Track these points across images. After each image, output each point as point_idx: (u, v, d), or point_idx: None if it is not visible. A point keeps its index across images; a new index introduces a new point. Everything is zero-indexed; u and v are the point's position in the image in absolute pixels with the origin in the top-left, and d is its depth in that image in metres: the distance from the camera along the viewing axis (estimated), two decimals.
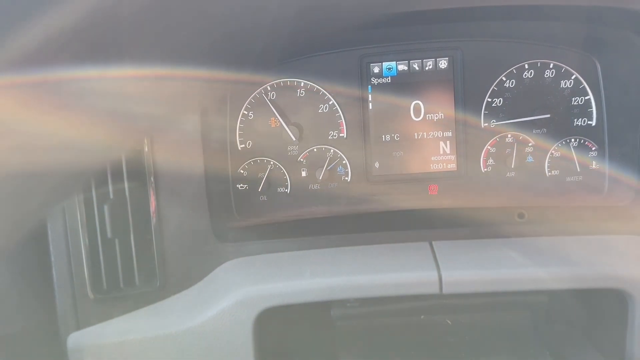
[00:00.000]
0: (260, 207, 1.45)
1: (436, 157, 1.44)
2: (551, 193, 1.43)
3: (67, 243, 1.21)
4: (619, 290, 1.13)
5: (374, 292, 1.15)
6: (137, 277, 1.25)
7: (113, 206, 1.21)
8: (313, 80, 1.42)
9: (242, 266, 1.27)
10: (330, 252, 1.29)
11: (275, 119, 1.43)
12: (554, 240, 1.27)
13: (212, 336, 1.14)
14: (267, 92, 1.43)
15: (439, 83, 1.41)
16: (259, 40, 0.55)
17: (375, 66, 1.42)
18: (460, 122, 1.43)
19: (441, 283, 1.13)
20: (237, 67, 0.56)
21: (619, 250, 1.24)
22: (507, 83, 1.41)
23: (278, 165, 1.45)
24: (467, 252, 1.23)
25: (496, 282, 1.14)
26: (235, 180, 1.45)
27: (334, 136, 1.44)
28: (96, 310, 1.23)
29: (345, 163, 1.45)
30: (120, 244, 1.24)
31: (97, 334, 1.20)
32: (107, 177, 1.22)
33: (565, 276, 1.13)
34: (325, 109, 1.43)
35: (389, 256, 1.24)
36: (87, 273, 1.22)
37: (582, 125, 1.42)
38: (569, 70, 1.41)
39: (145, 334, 1.17)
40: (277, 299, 1.13)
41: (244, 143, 1.44)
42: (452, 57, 1.41)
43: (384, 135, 1.44)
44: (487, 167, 1.44)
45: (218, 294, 1.18)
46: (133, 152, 1.22)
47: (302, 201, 1.46)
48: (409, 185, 1.46)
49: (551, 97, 1.41)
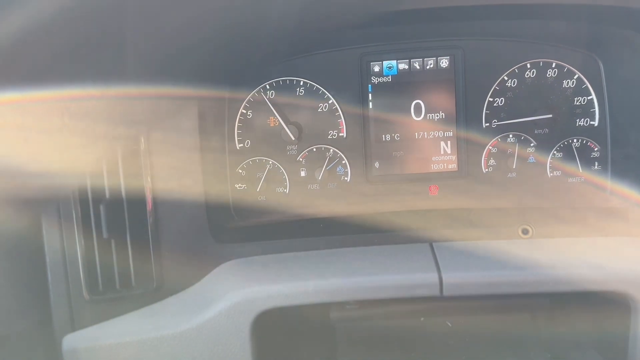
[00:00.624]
0: (258, 207, 1.44)
1: (437, 157, 1.43)
2: (553, 194, 1.42)
3: (63, 243, 1.20)
4: (621, 292, 1.11)
5: (373, 295, 1.14)
6: (134, 278, 1.24)
7: (109, 206, 1.20)
8: (312, 79, 1.41)
9: (240, 267, 1.26)
10: (330, 254, 1.27)
11: (274, 118, 1.42)
12: (555, 242, 1.26)
13: (210, 338, 1.13)
14: (266, 91, 1.41)
15: (440, 82, 1.40)
16: (263, 37, 0.54)
17: (375, 65, 1.40)
18: (461, 122, 1.41)
19: (442, 285, 1.11)
20: (243, 65, 0.55)
21: (621, 252, 1.22)
22: (508, 82, 1.40)
23: (277, 165, 1.43)
24: (468, 254, 1.21)
25: (497, 285, 1.13)
26: (233, 180, 1.43)
27: (333, 136, 1.43)
28: (92, 312, 1.22)
29: (344, 163, 1.44)
30: (116, 244, 1.22)
31: (92, 336, 1.19)
32: (103, 176, 1.20)
33: (567, 279, 1.12)
34: (324, 108, 1.42)
35: (389, 258, 1.23)
36: (83, 274, 1.20)
37: (585, 125, 1.41)
38: (572, 70, 1.39)
39: (142, 336, 1.15)
40: (275, 300, 1.12)
41: (243, 142, 1.43)
42: (454, 56, 1.39)
43: (384, 134, 1.43)
44: (488, 167, 1.43)
45: (215, 296, 1.16)
46: (129, 150, 1.21)
47: (301, 201, 1.44)
48: (409, 186, 1.44)
49: (553, 97, 1.40)
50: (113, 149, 0.52)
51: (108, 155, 0.56)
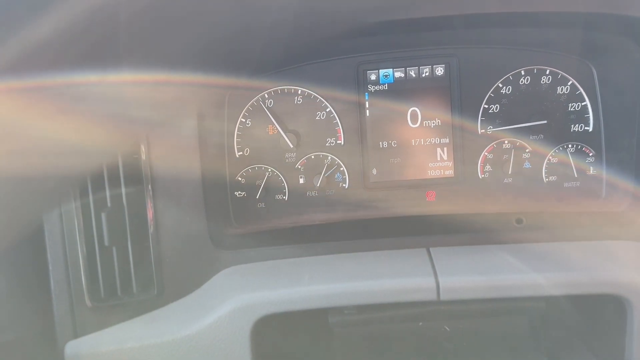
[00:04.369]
0: (258, 214, 1.46)
1: (433, 164, 1.44)
2: (549, 199, 1.43)
3: (65, 251, 1.21)
4: (616, 296, 1.12)
5: (371, 299, 1.15)
6: (135, 285, 1.25)
7: (110, 214, 1.21)
8: (310, 88, 1.43)
9: (240, 273, 1.27)
10: (328, 259, 1.29)
11: (272, 126, 1.43)
12: (551, 246, 1.27)
13: (210, 344, 1.14)
14: (265, 100, 1.43)
15: (435, 90, 1.42)
16: (257, 45, 0.55)
17: (372, 73, 1.42)
18: (457, 129, 1.43)
19: (439, 289, 1.13)
20: (235, 73, 0.57)
21: (616, 255, 1.24)
22: (503, 89, 1.42)
23: (276, 172, 1.45)
24: (465, 259, 1.23)
25: (494, 289, 1.14)
26: (232, 188, 1.45)
27: (331, 143, 1.45)
28: (94, 318, 1.23)
29: (342, 170, 1.45)
30: (118, 251, 1.24)
31: (94, 342, 1.20)
32: (104, 185, 1.22)
33: (562, 282, 1.13)
34: (322, 116, 1.44)
35: (387, 263, 1.24)
36: (85, 281, 1.22)
37: (579, 131, 1.43)
38: (565, 77, 1.41)
39: (143, 342, 1.17)
40: (274, 306, 1.13)
41: (242, 150, 1.45)
42: (449, 64, 1.41)
43: (382, 141, 1.44)
44: (484, 173, 1.44)
45: (215, 302, 1.17)
46: (130, 159, 1.23)
47: (300, 208, 1.46)
48: (406, 192, 1.46)
49: (548, 103, 1.42)
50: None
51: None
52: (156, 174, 1.25)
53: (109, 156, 0.55)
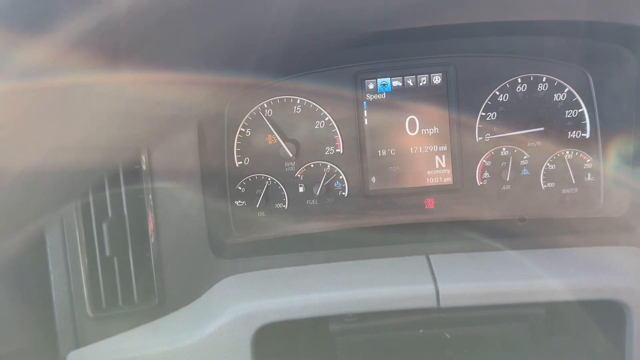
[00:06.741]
0: (258, 223, 1.46)
1: (432, 171, 1.45)
2: (547, 205, 1.44)
3: (66, 261, 1.22)
4: (616, 301, 1.13)
5: (371, 307, 1.15)
6: (136, 295, 1.26)
7: (112, 224, 1.22)
8: (309, 97, 1.44)
9: (241, 282, 1.27)
10: (328, 267, 1.29)
11: (272, 135, 1.44)
12: (550, 252, 1.28)
13: (211, 353, 1.14)
14: (264, 109, 1.45)
15: (433, 98, 1.43)
16: (255, 53, 0.56)
17: (370, 82, 1.44)
18: (455, 136, 1.44)
19: (438, 296, 1.13)
20: (236, 75, 0.57)
21: (615, 261, 1.24)
22: (500, 97, 1.43)
23: (275, 181, 1.46)
24: (464, 265, 1.23)
25: (493, 295, 1.14)
26: (233, 197, 1.46)
27: (330, 152, 1.46)
28: (95, 329, 1.23)
29: (342, 178, 1.46)
30: (119, 261, 1.24)
31: (96, 352, 1.20)
32: (105, 195, 1.23)
33: (562, 288, 1.14)
34: (321, 125, 1.45)
35: (386, 270, 1.24)
36: (86, 291, 1.22)
37: (576, 137, 1.44)
38: (562, 84, 1.42)
39: (145, 352, 1.17)
40: (275, 315, 1.13)
41: (242, 160, 1.46)
42: (446, 72, 1.42)
43: (380, 150, 1.45)
44: (482, 180, 1.45)
45: (216, 311, 1.18)
46: (131, 169, 1.23)
47: (300, 216, 1.47)
48: (405, 199, 1.47)
49: (545, 110, 1.43)
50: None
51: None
52: (157, 185, 1.25)
53: (110, 165, 0.56)
